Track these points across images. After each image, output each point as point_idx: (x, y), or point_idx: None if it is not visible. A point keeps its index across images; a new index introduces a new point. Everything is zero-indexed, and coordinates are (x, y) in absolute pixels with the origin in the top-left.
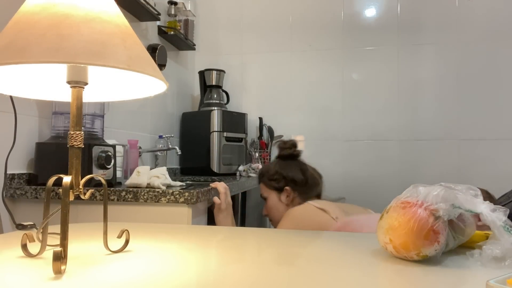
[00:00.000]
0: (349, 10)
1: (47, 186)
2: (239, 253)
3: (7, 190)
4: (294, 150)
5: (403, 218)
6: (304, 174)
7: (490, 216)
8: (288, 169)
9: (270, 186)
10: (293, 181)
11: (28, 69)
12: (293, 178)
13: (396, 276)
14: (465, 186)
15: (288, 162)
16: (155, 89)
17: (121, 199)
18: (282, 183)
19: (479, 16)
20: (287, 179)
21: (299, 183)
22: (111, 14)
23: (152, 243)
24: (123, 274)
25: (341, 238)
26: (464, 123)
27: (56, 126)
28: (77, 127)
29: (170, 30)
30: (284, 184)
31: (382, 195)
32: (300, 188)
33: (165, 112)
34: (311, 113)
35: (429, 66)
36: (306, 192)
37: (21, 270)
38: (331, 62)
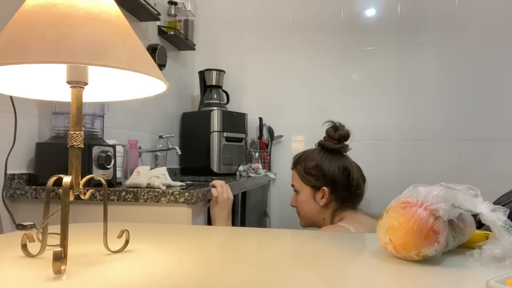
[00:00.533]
0: (349, 10)
1: (47, 186)
2: (239, 253)
3: (7, 190)
4: (342, 145)
5: (403, 218)
6: (348, 178)
7: (490, 216)
8: (332, 166)
9: (305, 180)
10: (334, 183)
11: (28, 69)
12: (335, 179)
13: (396, 276)
14: (465, 186)
15: (331, 157)
16: (155, 89)
17: (121, 199)
18: (321, 182)
19: (479, 16)
20: (327, 179)
21: (341, 187)
22: (111, 14)
23: (152, 243)
24: (123, 274)
25: (341, 238)
26: (464, 123)
27: (56, 126)
28: (77, 127)
29: (170, 30)
30: (322, 183)
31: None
32: (340, 193)
33: (165, 112)
34: (311, 113)
35: (429, 66)
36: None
37: (21, 270)
38: (331, 62)
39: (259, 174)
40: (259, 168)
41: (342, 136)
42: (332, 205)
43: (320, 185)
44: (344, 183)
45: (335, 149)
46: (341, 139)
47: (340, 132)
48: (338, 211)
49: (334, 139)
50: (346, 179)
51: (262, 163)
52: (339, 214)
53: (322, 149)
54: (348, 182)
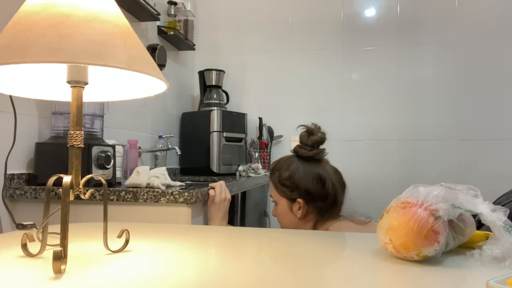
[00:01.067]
0: (349, 10)
1: (47, 186)
2: (239, 253)
3: (6, 190)
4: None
5: (403, 218)
6: (323, 187)
7: (490, 216)
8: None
9: (280, 192)
10: (309, 194)
11: (28, 69)
12: (309, 190)
13: (396, 276)
14: (465, 186)
15: (305, 165)
16: (155, 89)
17: (121, 199)
18: (295, 194)
19: (479, 15)
20: (301, 190)
21: (316, 197)
22: (111, 14)
23: (152, 243)
24: (123, 274)
25: (341, 238)
26: (464, 123)
27: (55, 126)
28: (77, 127)
29: (170, 30)
30: (297, 195)
31: (382, 195)
32: (316, 204)
33: (165, 112)
34: (311, 113)
35: (429, 66)
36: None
37: (21, 270)
38: (331, 62)
39: (259, 174)
40: (259, 168)
41: (316, 141)
42: (311, 217)
43: (295, 196)
44: (319, 193)
45: (308, 156)
46: (314, 145)
47: (313, 138)
48: (319, 223)
49: (307, 145)
50: (321, 188)
51: (262, 163)
52: (320, 225)
53: (296, 156)
54: (323, 192)
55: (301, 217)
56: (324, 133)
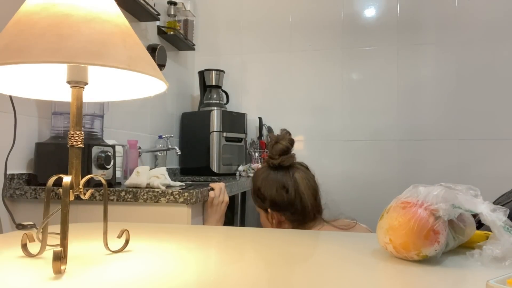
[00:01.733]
0: (349, 10)
1: (47, 186)
2: (239, 253)
3: (6, 190)
4: (283, 160)
5: (403, 218)
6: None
7: (490, 216)
8: (270, 187)
9: (256, 203)
10: (275, 204)
11: (28, 69)
12: (274, 200)
13: (396, 276)
14: (465, 186)
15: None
16: (155, 89)
17: (121, 199)
18: (266, 204)
19: (479, 16)
20: (267, 201)
21: (283, 206)
22: (111, 14)
23: (152, 243)
24: (123, 274)
25: (341, 238)
26: (464, 123)
27: (55, 126)
28: (77, 127)
29: (170, 30)
30: (267, 205)
31: (382, 195)
32: (285, 212)
33: (164, 112)
34: (311, 113)
35: (429, 66)
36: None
37: (21, 270)
38: (331, 62)
39: None
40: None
41: (280, 150)
42: (286, 226)
43: (266, 207)
44: (285, 202)
45: (275, 165)
46: (280, 154)
47: (277, 146)
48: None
49: (274, 155)
50: (285, 196)
51: (262, 163)
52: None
53: (268, 166)
54: (289, 200)
55: (276, 226)
56: (290, 139)
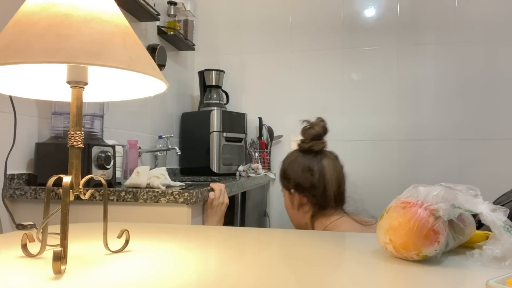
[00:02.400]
0: (349, 10)
1: (47, 186)
2: (239, 253)
3: (6, 190)
4: (313, 144)
5: (403, 218)
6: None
7: (490, 216)
8: (295, 168)
9: (282, 183)
10: (298, 185)
11: (28, 69)
12: (298, 181)
13: (396, 276)
14: (465, 186)
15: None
16: (155, 89)
17: (121, 199)
18: (290, 184)
19: (479, 16)
20: (292, 181)
21: (306, 187)
22: (111, 14)
23: (152, 243)
24: (123, 274)
25: (341, 238)
26: (464, 123)
27: (55, 127)
28: (77, 127)
29: (170, 30)
30: (291, 186)
31: (382, 195)
32: (307, 194)
33: (164, 112)
34: (311, 113)
35: (429, 66)
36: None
37: (21, 270)
38: (331, 62)
39: (258, 174)
40: (259, 168)
41: (313, 135)
42: (307, 209)
43: (290, 187)
44: (308, 184)
45: (305, 149)
46: (311, 139)
47: (310, 131)
48: (317, 216)
49: (304, 139)
50: (310, 177)
51: (262, 163)
52: (319, 218)
53: (298, 150)
54: (312, 182)
55: (298, 208)
56: (324, 127)
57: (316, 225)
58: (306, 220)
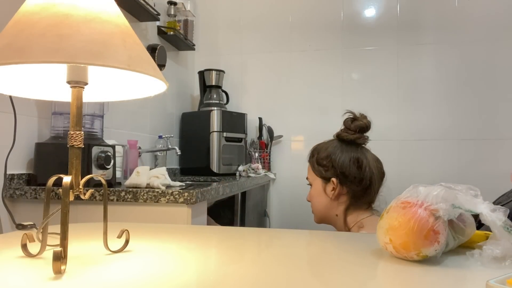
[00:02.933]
0: (349, 10)
1: (47, 186)
2: (239, 253)
3: (6, 190)
4: (358, 136)
5: (403, 218)
6: (359, 169)
7: (490, 216)
8: (342, 157)
9: (316, 171)
10: (343, 174)
11: (28, 69)
12: (344, 170)
13: (396, 276)
14: (465, 186)
15: (345, 147)
16: (155, 89)
17: (121, 199)
18: (330, 173)
19: (479, 16)
20: (337, 170)
21: (350, 179)
22: (111, 14)
23: (152, 243)
24: (123, 274)
25: (341, 238)
26: (464, 123)
27: (55, 127)
28: (77, 127)
29: (170, 30)
30: (332, 174)
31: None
32: (350, 185)
33: (164, 112)
34: (311, 113)
35: (429, 66)
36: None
37: (21, 270)
38: (331, 62)
39: (259, 174)
40: (259, 168)
41: (360, 126)
42: (344, 200)
43: (330, 176)
44: (354, 175)
45: (350, 140)
46: (358, 130)
47: (357, 123)
48: (351, 209)
49: (350, 129)
50: (357, 171)
51: (262, 163)
52: (353, 212)
53: (338, 140)
54: (359, 174)
55: (334, 198)
56: (369, 122)
57: (348, 218)
58: (338, 211)
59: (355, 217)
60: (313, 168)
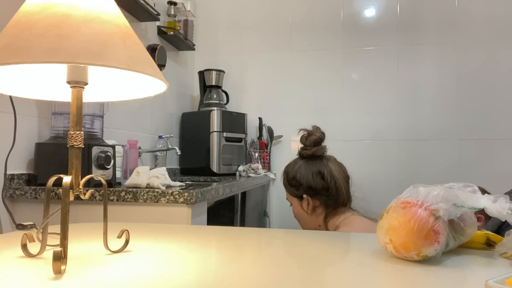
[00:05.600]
0: (349, 10)
1: (47, 186)
2: (239, 253)
3: (6, 190)
4: (316, 150)
5: (403, 218)
6: (323, 179)
7: (495, 207)
8: (306, 174)
9: (290, 192)
10: (311, 189)
11: (28, 69)
12: (310, 185)
13: (396, 276)
14: (461, 184)
15: (307, 164)
16: (155, 89)
17: (121, 199)
18: (301, 191)
19: (479, 16)
20: (304, 186)
21: (318, 191)
22: (111, 14)
23: (152, 243)
24: (123, 274)
25: (341, 238)
26: (464, 123)
27: (55, 127)
28: (77, 127)
29: (170, 31)
30: (302, 192)
31: (382, 195)
32: (320, 196)
33: (164, 112)
34: (311, 113)
35: (429, 66)
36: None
37: (21, 270)
38: (331, 62)
39: (258, 174)
40: (259, 168)
41: (314, 140)
42: (321, 211)
43: (301, 193)
44: (320, 186)
45: (309, 155)
46: (313, 145)
47: (311, 138)
48: (330, 216)
49: (307, 145)
50: (321, 181)
51: (262, 163)
52: (332, 218)
53: (300, 158)
54: (324, 184)
55: (311, 212)
56: (322, 133)
57: (329, 225)
58: (319, 222)
59: (334, 222)
60: (286, 189)
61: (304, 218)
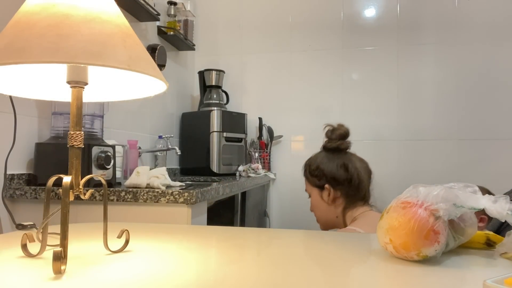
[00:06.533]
0: (349, 10)
1: (47, 186)
2: (239, 253)
3: (6, 190)
4: (341, 143)
5: (403, 218)
6: (347, 172)
7: (495, 208)
8: (330, 164)
9: (312, 183)
10: (334, 179)
11: (28, 69)
12: (334, 175)
13: (396, 276)
14: (461, 184)
15: (331, 156)
16: (155, 89)
17: (121, 199)
18: (323, 181)
19: (479, 16)
20: (328, 176)
21: (341, 181)
22: (111, 14)
23: (152, 243)
24: (123, 274)
25: (341, 238)
26: (464, 123)
27: (55, 127)
28: (77, 127)
29: (170, 31)
30: (324, 182)
31: (382, 195)
32: (342, 187)
33: (164, 112)
34: (311, 113)
35: (429, 66)
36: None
37: (21, 270)
38: (331, 62)
39: (259, 174)
40: (259, 168)
41: (340, 135)
42: (340, 202)
43: (323, 183)
44: (343, 178)
45: (334, 147)
46: (339, 138)
47: (337, 132)
48: (349, 208)
49: (332, 139)
50: (345, 173)
51: (262, 163)
52: (350, 211)
53: (324, 150)
54: (347, 176)
55: (331, 202)
56: (347, 128)
57: (347, 216)
58: (337, 213)
59: (352, 214)
60: (308, 180)
61: (322, 208)
